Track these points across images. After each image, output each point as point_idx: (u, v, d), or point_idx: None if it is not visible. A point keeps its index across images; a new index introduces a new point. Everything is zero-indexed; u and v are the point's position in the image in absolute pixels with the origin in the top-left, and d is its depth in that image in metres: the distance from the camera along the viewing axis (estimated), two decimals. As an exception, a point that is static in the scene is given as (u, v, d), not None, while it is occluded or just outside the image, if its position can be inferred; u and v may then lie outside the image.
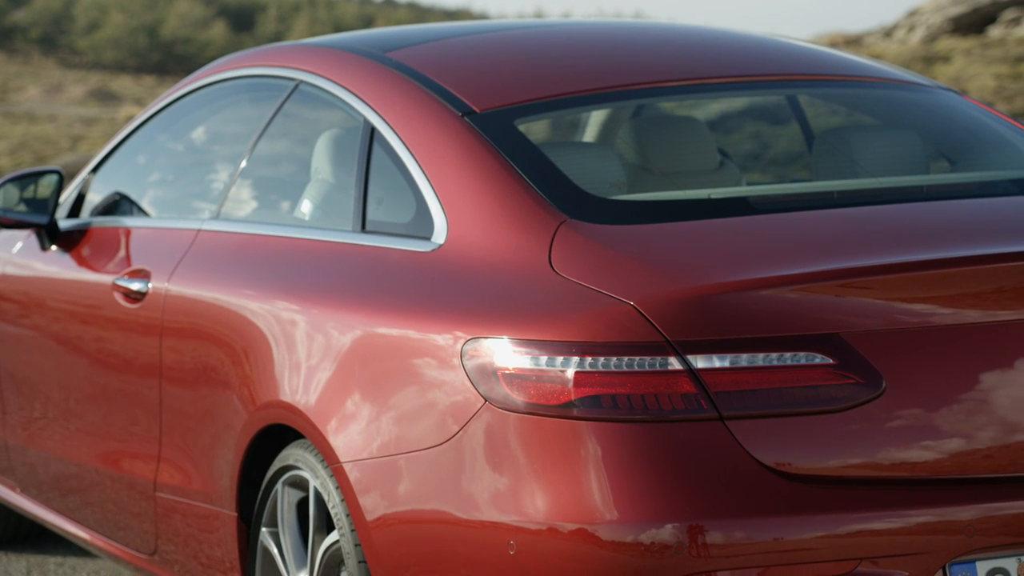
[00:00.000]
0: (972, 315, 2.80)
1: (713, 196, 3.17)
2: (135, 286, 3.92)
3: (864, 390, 2.75)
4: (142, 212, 4.32)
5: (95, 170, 4.52)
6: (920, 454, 2.75)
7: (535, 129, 3.88)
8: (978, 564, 2.74)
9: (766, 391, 2.72)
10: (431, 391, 2.92)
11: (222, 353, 3.52)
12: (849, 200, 3.17)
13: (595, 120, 4.51)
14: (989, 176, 3.39)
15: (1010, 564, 2.75)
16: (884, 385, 2.75)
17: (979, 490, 2.74)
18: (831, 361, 2.75)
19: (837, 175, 3.52)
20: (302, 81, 3.76)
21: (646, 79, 3.53)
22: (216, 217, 3.86)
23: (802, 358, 2.74)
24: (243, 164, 3.89)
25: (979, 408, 2.77)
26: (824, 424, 2.73)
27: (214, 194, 3.99)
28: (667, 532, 2.67)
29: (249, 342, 3.42)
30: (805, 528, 2.68)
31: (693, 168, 3.71)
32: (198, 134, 4.37)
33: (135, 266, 3.99)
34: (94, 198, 4.46)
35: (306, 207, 3.62)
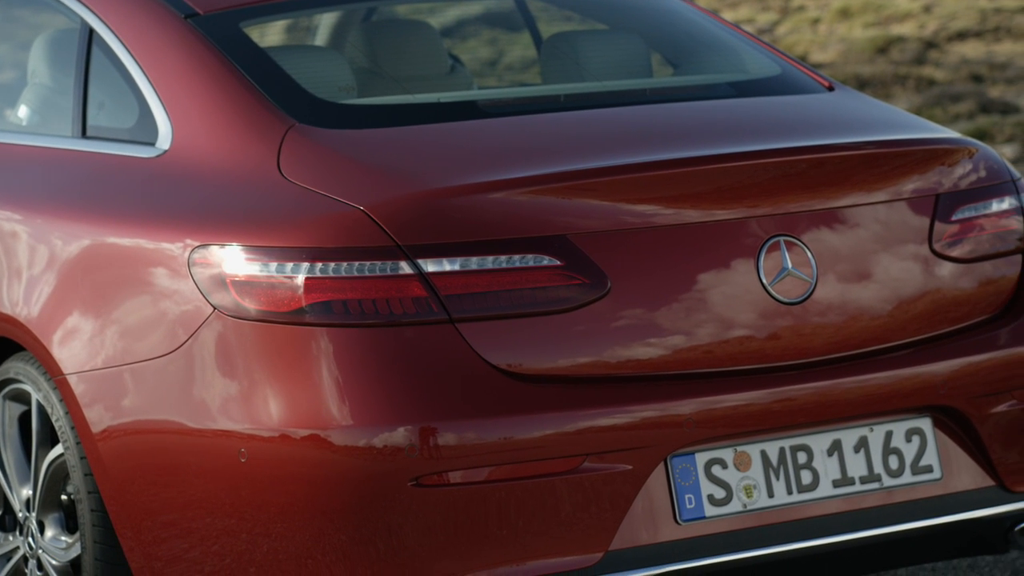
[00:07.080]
0: (692, 215, 2.88)
1: (442, 100, 3.18)
2: None
3: (590, 290, 2.81)
4: None
5: None
6: (644, 351, 2.83)
7: (268, 32, 3.80)
8: (697, 455, 2.84)
9: (495, 293, 2.76)
10: (159, 301, 2.87)
11: (-65, 265, 3.38)
12: (575, 104, 3.21)
13: (326, 24, 4.45)
14: (709, 79, 3.48)
15: (726, 454, 2.86)
16: (609, 285, 2.82)
17: (699, 385, 2.84)
18: (558, 263, 2.79)
19: (564, 79, 3.56)
20: (15, -20, 3.61)
21: None
22: (-74, 123, 3.69)
23: (530, 260, 2.78)
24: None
25: (699, 306, 2.86)
26: (552, 325, 2.78)
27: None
28: (399, 435, 2.69)
29: (-35, 253, 3.29)
30: (534, 427, 2.73)
31: (423, 73, 3.70)
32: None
33: None
34: None
35: (23, 112, 3.49)
